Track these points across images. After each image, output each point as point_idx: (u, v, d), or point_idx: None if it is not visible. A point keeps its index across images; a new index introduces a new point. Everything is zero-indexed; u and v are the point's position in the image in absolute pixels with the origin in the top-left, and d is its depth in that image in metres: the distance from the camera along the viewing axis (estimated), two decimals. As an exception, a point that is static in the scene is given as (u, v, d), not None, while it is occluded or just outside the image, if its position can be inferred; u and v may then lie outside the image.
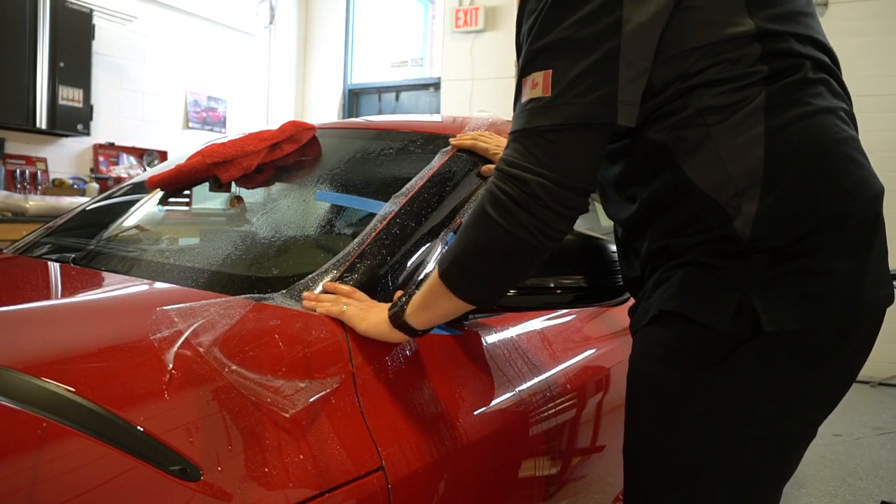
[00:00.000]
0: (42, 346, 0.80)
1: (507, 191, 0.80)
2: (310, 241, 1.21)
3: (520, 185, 0.79)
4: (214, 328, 0.82)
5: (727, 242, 0.81)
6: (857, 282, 0.81)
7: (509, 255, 0.82)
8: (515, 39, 0.94)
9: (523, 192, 0.78)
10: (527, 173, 0.79)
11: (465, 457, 0.88)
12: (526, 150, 0.80)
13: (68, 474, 0.59)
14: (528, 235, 0.79)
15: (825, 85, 0.84)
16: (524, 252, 0.81)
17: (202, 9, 5.58)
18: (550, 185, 0.78)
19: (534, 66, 0.81)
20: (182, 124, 5.52)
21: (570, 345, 1.23)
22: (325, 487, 0.69)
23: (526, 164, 0.79)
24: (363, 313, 0.90)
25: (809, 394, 0.84)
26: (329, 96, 6.67)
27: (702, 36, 0.80)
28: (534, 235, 0.79)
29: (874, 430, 3.43)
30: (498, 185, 0.81)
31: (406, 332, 0.88)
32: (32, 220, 3.96)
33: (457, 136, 0.87)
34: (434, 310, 0.87)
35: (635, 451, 0.92)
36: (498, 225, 0.80)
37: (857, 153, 0.83)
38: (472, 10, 5.73)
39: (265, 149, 1.37)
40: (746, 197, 0.79)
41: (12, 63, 4.19)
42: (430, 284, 0.87)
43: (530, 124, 0.79)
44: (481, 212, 0.82)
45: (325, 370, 0.81)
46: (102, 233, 1.37)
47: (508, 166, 0.81)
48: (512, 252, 0.81)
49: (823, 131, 0.81)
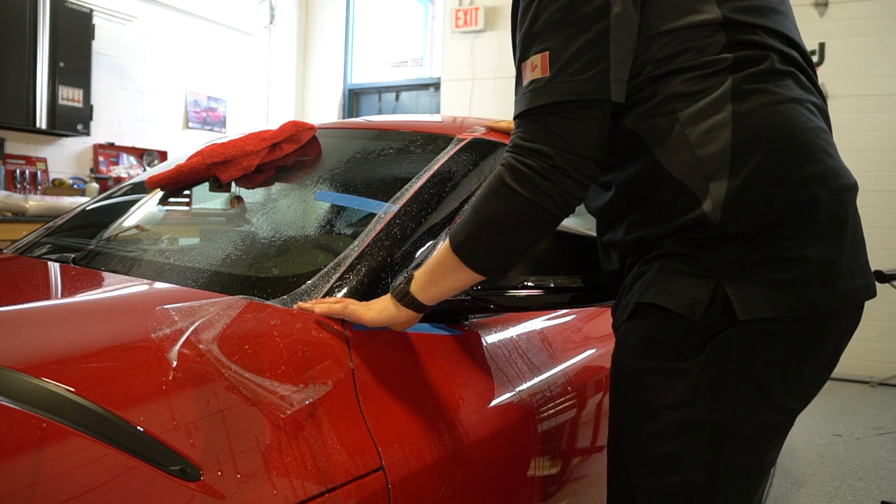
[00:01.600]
0: (42, 346, 0.80)
1: (530, 164, 0.83)
2: (310, 241, 1.21)
3: (542, 157, 0.83)
4: (214, 327, 0.82)
5: (699, 229, 0.83)
6: (829, 270, 0.82)
7: (530, 225, 0.85)
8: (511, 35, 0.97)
9: (546, 164, 0.83)
10: (546, 146, 0.83)
11: (465, 457, 0.88)
12: (539, 126, 0.84)
13: (68, 474, 0.59)
14: (550, 204, 0.84)
15: (793, 78, 0.87)
16: (545, 221, 0.85)
17: (202, 9, 5.58)
18: (570, 156, 0.83)
19: (531, 49, 0.85)
20: (182, 124, 5.52)
21: (570, 345, 1.23)
22: (325, 487, 0.69)
23: (543, 137, 0.83)
24: (366, 305, 0.91)
25: (791, 383, 0.86)
26: (329, 96, 6.67)
27: (669, 20, 0.84)
28: (556, 204, 0.84)
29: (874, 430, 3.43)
30: (518, 159, 0.84)
31: (414, 308, 0.90)
32: (32, 220, 3.95)
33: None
34: (444, 284, 0.89)
35: (620, 444, 0.93)
36: (521, 196, 0.83)
37: (826, 144, 0.85)
38: (472, 10, 5.73)
39: (265, 149, 1.37)
40: (715, 180, 0.81)
41: (12, 63, 4.19)
42: (439, 259, 0.89)
43: (534, 104, 0.83)
44: (501, 185, 0.85)
45: (325, 370, 0.81)
46: (102, 233, 1.37)
47: (526, 142, 0.84)
48: (533, 221, 0.85)
49: (790, 119, 0.83)
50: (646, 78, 0.85)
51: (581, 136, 0.83)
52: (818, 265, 0.81)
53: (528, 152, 0.84)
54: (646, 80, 0.85)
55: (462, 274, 0.88)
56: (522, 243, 0.87)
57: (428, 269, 0.90)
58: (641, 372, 0.88)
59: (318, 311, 0.90)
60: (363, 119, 1.77)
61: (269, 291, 0.96)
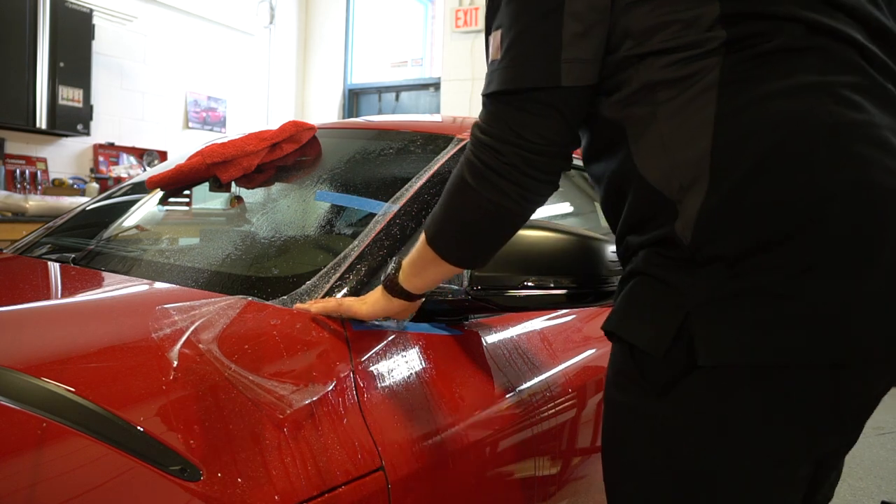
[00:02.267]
0: (42, 346, 0.80)
1: (486, 160, 0.76)
2: (310, 241, 1.21)
3: (497, 154, 0.75)
4: (214, 327, 0.82)
5: (670, 247, 0.69)
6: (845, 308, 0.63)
7: (494, 222, 0.80)
8: None
9: (501, 162, 0.75)
10: (501, 143, 0.75)
11: (465, 457, 0.88)
12: (495, 117, 0.76)
13: (68, 474, 0.59)
14: (510, 203, 0.77)
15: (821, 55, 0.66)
16: (508, 217, 0.80)
17: (202, 9, 5.58)
18: (526, 154, 0.74)
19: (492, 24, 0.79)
20: (182, 124, 5.52)
21: (570, 345, 1.23)
22: (325, 487, 0.69)
23: (498, 132, 0.75)
24: (361, 299, 0.91)
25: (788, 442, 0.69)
26: (329, 96, 6.67)
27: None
28: (516, 202, 0.77)
29: (874, 430, 3.43)
30: (476, 153, 0.78)
31: (405, 297, 0.88)
32: (32, 220, 3.95)
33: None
34: (426, 276, 0.87)
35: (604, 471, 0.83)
36: (479, 194, 0.77)
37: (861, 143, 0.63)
38: (472, 10, 5.73)
39: (265, 149, 1.37)
40: (690, 192, 0.67)
41: (12, 63, 4.19)
42: (419, 251, 0.86)
43: (488, 89, 0.77)
44: (461, 181, 0.79)
45: (325, 370, 0.81)
46: (102, 233, 1.37)
47: (482, 133, 0.77)
48: (496, 219, 0.79)
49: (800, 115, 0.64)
50: (623, 57, 0.71)
51: (536, 130, 0.73)
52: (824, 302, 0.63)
53: (483, 147, 0.76)
54: (623, 60, 0.71)
55: (440, 266, 0.85)
56: (490, 238, 0.83)
57: (410, 261, 0.88)
58: (613, 403, 0.79)
59: (315, 310, 0.90)
60: (363, 119, 1.77)
61: (269, 291, 0.97)
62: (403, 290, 0.88)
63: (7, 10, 4.16)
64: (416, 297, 0.90)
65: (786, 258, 0.63)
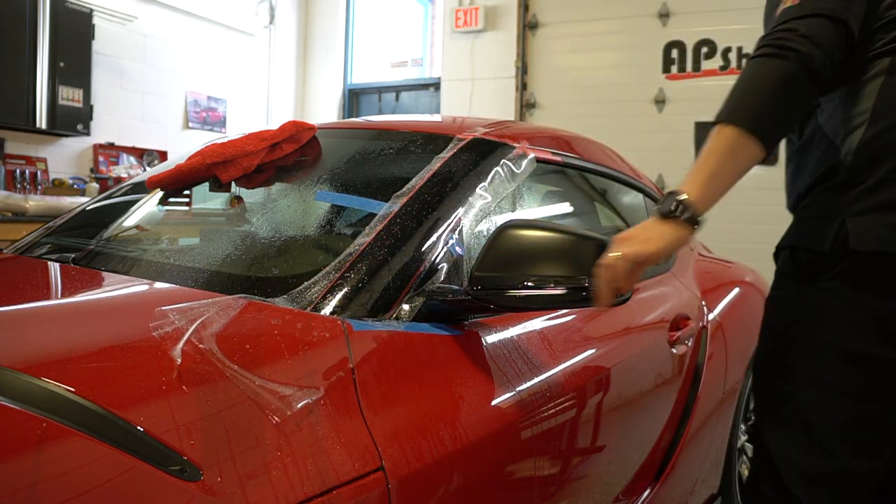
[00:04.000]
0: (42, 346, 0.80)
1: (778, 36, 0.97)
2: (310, 241, 1.21)
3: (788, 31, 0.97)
4: (214, 327, 0.82)
5: (831, 176, 1.01)
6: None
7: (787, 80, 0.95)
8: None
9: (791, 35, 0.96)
10: (789, 33, 0.96)
11: (465, 457, 0.88)
12: (785, 29, 0.97)
13: (68, 474, 0.59)
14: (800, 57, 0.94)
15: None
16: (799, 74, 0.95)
17: (202, 9, 5.58)
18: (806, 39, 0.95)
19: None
20: (182, 124, 5.52)
21: (570, 345, 1.23)
22: (325, 487, 0.69)
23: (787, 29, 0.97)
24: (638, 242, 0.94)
25: None
26: (329, 96, 6.67)
27: None
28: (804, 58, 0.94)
29: (874, 430, 3.42)
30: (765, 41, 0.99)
31: (691, 222, 0.95)
32: (32, 220, 3.95)
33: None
34: (722, 177, 0.96)
35: (757, 359, 1.15)
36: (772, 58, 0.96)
37: None
38: (472, 10, 5.73)
39: (265, 149, 1.37)
40: (853, 132, 0.99)
41: (12, 63, 4.19)
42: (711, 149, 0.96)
43: (781, 19, 0.99)
44: (753, 59, 0.99)
45: (325, 370, 0.81)
46: (102, 233, 1.37)
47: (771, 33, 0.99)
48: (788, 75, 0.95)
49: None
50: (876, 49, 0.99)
51: (821, 35, 0.95)
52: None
53: (774, 32, 0.98)
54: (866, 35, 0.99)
55: (741, 151, 0.95)
56: (786, 98, 0.96)
57: (699, 173, 0.96)
58: (770, 298, 1.12)
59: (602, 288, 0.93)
60: (363, 119, 1.77)
61: (269, 291, 0.96)
62: (694, 212, 0.94)
63: (7, 10, 4.16)
64: (700, 223, 0.96)
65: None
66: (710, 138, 0.97)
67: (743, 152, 0.96)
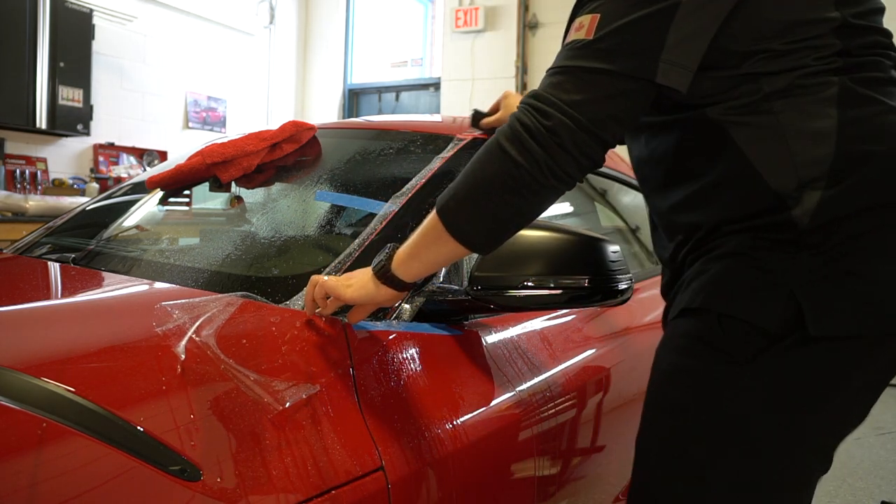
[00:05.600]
0: (42, 346, 0.80)
1: (526, 122, 0.77)
2: (310, 241, 1.21)
3: (541, 117, 0.76)
4: (214, 327, 0.82)
5: (781, 230, 0.78)
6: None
7: (514, 190, 0.78)
8: None
9: (542, 127, 0.76)
10: (553, 109, 0.76)
11: (465, 457, 0.88)
12: (559, 84, 0.78)
13: (68, 474, 0.59)
14: (537, 171, 0.76)
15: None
16: (529, 188, 0.78)
17: (202, 9, 5.58)
18: (573, 127, 0.76)
19: (584, 9, 0.80)
20: (182, 124, 5.52)
21: (570, 345, 1.23)
22: (325, 487, 0.69)
23: (555, 98, 0.77)
24: (346, 280, 0.87)
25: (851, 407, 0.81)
26: (329, 96, 6.67)
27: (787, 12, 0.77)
28: (542, 172, 0.77)
29: (874, 430, 3.43)
30: (518, 117, 0.79)
31: (394, 286, 0.85)
32: (32, 220, 3.95)
33: None
34: (425, 257, 0.84)
35: (648, 441, 0.90)
36: (507, 155, 0.77)
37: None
38: (472, 10, 5.73)
39: (265, 149, 1.37)
40: (809, 189, 0.77)
41: (12, 63, 4.19)
42: (424, 227, 0.84)
43: (567, 63, 0.79)
44: (493, 144, 0.80)
45: (324, 370, 0.81)
46: (102, 233, 1.37)
47: (535, 99, 0.78)
48: (517, 186, 0.78)
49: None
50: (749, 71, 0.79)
51: (600, 110, 0.76)
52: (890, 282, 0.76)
53: (530, 110, 0.78)
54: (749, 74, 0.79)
55: (443, 245, 0.82)
56: (505, 212, 0.80)
57: (411, 242, 0.85)
58: (681, 369, 0.85)
59: (306, 301, 0.89)
60: (363, 119, 1.77)
61: (269, 291, 0.96)
62: (394, 278, 0.85)
63: (7, 10, 4.16)
64: (406, 286, 0.86)
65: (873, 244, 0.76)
66: (429, 215, 0.83)
67: (447, 245, 0.82)
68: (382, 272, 0.86)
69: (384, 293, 0.86)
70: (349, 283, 0.87)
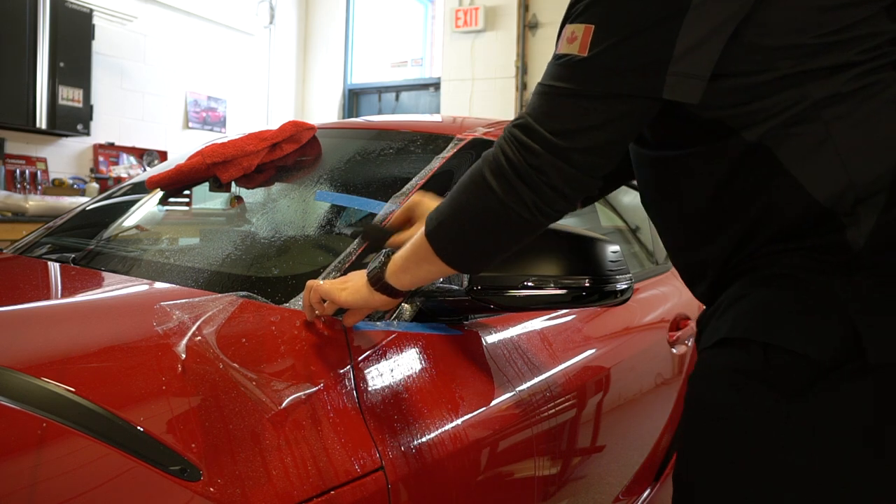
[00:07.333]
0: (42, 346, 0.80)
1: (511, 158, 0.71)
2: (310, 241, 1.21)
3: (527, 155, 0.70)
4: (214, 327, 0.82)
5: (834, 252, 0.69)
6: None
7: (500, 226, 0.75)
8: None
9: (528, 164, 0.70)
10: (540, 145, 0.70)
11: (465, 457, 0.88)
12: (548, 111, 0.71)
13: (68, 474, 0.59)
14: (523, 210, 0.72)
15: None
16: (516, 225, 0.74)
17: (202, 9, 5.58)
18: (562, 164, 0.70)
19: (578, 17, 0.71)
20: (182, 124, 5.52)
21: (570, 345, 1.23)
22: (325, 487, 0.69)
23: (543, 130, 0.70)
24: (341, 284, 0.86)
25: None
26: (329, 96, 6.67)
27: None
28: (529, 210, 0.72)
29: (874, 430, 3.42)
30: (503, 148, 0.73)
31: (388, 293, 0.84)
32: (32, 220, 3.95)
33: None
34: (416, 273, 0.82)
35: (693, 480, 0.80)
36: (493, 192, 0.72)
37: None
38: (472, 10, 5.73)
39: (265, 149, 1.37)
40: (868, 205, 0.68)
41: (12, 63, 4.19)
42: (414, 245, 0.81)
43: (556, 82, 0.71)
44: (478, 175, 0.75)
45: (324, 370, 0.81)
46: (102, 233, 1.37)
47: (521, 131, 0.72)
48: (503, 223, 0.74)
49: None
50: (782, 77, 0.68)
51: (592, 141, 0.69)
52: None
53: (515, 144, 0.71)
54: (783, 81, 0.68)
55: (433, 265, 0.79)
56: (493, 244, 0.77)
57: (403, 255, 0.82)
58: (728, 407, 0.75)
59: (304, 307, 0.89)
60: (363, 119, 1.77)
61: (268, 291, 0.97)
62: (388, 286, 0.84)
63: (7, 10, 4.16)
64: (400, 293, 0.85)
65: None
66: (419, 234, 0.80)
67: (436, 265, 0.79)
68: (376, 279, 0.85)
69: (378, 299, 0.85)
70: (344, 287, 0.86)
